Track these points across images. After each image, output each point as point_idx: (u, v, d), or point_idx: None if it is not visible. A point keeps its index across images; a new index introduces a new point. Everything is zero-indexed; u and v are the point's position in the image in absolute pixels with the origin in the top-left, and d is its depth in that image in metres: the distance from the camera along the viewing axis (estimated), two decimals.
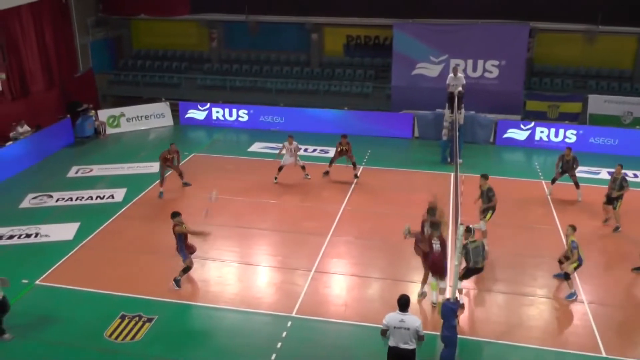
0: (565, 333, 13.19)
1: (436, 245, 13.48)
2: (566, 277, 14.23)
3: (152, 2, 29.84)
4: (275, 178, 20.95)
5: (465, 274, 13.93)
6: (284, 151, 20.89)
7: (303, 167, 21.16)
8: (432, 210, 14.24)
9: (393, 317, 10.23)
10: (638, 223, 15.90)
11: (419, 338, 10.21)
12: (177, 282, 14.40)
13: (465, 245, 13.57)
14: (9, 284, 12.62)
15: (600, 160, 23.20)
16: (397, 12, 27.62)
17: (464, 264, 13.63)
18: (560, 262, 14.51)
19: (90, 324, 13.01)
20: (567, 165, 19.53)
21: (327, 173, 21.61)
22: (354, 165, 21.39)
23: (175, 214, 14.29)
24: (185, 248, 14.36)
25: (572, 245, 14.02)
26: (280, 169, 20.96)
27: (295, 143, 20.80)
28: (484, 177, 16.56)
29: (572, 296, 14.22)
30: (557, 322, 13.58)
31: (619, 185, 17.49)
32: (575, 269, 14.14)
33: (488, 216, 16.39)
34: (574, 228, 14.21)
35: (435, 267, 13.63)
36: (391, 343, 10.30)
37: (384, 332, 10.36)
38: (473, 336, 12.86)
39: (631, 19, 26.27)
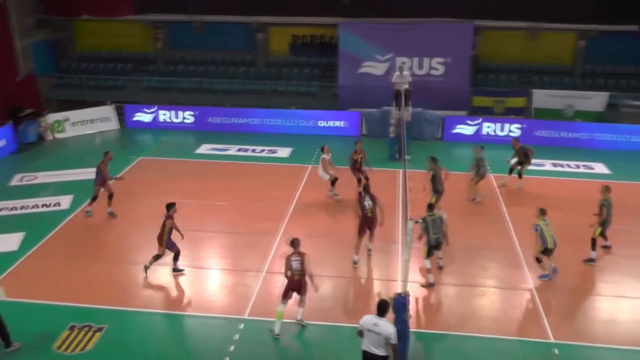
0: (515, 321, 13.51)
1: (368, 203, 15.15)
2: (537, 260, 14.63)
3: (95, 2, 29.16)
4: (335, 192, 19.79)
5: (429, 251, 14.43)
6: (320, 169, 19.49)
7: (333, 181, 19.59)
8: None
9: (368, 319, 10.11)
10: (586, 212, 16.39)
11: (391, 347, 9.93)
12: (177, 270, 15.18)
13: (424, 219, 14.16)
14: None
15: (544, 152, 23.77)
16: (342, 11, 27.78)
17: (424, 240, 14.46)
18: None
19: (38, 337, 12.65)
20: (518, 154, 20.35)
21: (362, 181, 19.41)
22: (367, 179, 19.17)
23: (171, 205, 14.78)
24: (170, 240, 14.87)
25: (534, 228, 14.31)
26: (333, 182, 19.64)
27: (330, 153, 19.53)
28: (431, 159, 17.75)
29: (545, 277, 14.70)
30: (507, 310, 13.90)
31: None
32: (543, 252, 14.41)
33: (433, 199, 16.94)
34: (541, 211, 14.41)
35: (366, 223, 15.31)
36: (364, 346, 10.15)
37: (360, 333, 10.23)
38: (426, 329, 13.05)
39: (571, 17, 27.05)
